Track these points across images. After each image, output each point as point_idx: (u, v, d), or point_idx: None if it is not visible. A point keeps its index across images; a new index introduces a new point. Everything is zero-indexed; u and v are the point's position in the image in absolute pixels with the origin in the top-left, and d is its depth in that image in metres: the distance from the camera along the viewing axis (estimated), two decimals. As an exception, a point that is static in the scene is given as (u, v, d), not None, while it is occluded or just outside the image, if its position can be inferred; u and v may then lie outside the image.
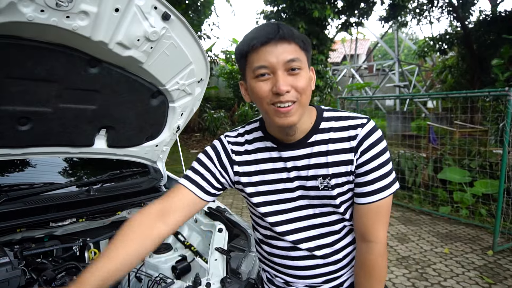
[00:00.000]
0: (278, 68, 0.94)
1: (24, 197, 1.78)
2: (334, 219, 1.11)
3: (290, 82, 0.95)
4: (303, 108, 0.99)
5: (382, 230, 1.07)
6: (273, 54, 0.94)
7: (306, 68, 0.99)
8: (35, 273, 1.58)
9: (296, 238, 1.12)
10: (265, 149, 1.12)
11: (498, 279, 3.54)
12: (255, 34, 0.96)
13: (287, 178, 1.09)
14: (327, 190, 1.06)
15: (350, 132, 1.04)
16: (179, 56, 1.75)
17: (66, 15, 1.32)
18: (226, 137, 1.18)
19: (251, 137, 1.16)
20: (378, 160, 1.03)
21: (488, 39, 10.52)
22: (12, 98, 1.53)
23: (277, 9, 9.85)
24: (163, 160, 2.44)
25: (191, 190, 1.11)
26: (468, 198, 5.33)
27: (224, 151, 1.15)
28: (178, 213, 1.08)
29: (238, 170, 1.14)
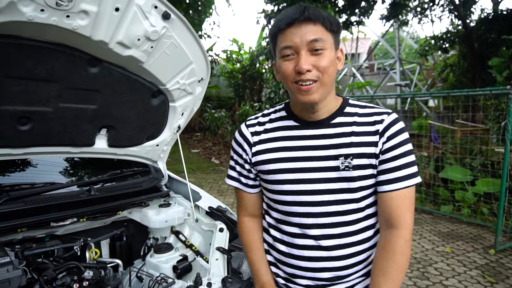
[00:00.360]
0: (302, 48, 0.99)
1: (25, 197, 1.78)
2: (348, 208, 1.10)
3: (312, 61, 0.99)
4: (325, 87, 1.03)
5: (409, 216, 1.07)
6: (297, 34, 0.99)
7: (331, 48, 1.02)
8: (36, 273, 1.58)
9: (305, 222, 1.12)
10: (286, 127, 1.16)
11: (500, 278, 3.53)
12: (282, 16, 1.02)
13: (307, 157, 1.10)
14: (347, 171, 1.06)
15: (375, 117, 1.08)
16: (180, 56, 1.75)
17: (66, 15, 1.31)
18: (246, 122, 1.25)
19: (275, 116, 1.20)
20: (405, 147, 1.06)
21: (489, 38, 10.47)
22: (13, 98, 1.53)
23: (277, 8, 9.82)
24: (164, 160, 2.44)
25: (243, 190, 1.28)
26: (470, 197, 5.32)
27: (243, 138, 1.22)
28: (257, 210, 1.31)
29: (256, 149, 1.19)
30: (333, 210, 1.10)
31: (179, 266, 1.88)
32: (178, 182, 2.53)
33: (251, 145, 1.20)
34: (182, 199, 2.33)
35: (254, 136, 1.20)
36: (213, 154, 10.91)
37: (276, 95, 10.76)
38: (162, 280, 1.77)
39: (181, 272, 1.87)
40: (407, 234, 1.06)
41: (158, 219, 2.04)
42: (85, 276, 1.60)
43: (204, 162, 10.15)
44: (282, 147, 1.14)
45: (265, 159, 1.16)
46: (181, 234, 2.14)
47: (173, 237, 2.17)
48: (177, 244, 2.11)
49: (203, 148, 11.47)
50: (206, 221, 2.09)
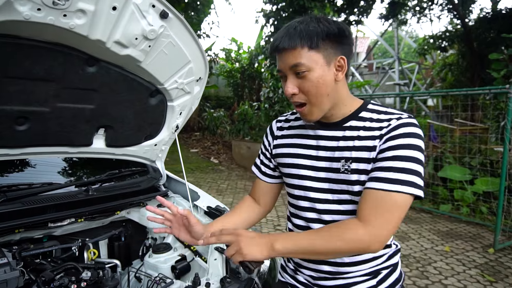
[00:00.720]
0: (287, 72, 1.05)
1: (23, 197, 1.77)
2: (350, 208, 1.11)
3: (298, 84, 1.04)
4: (317, 106, 1.05)
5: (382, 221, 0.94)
6: (281, 61, 1.05)
7: (317, 67, 1.00)
8: (33, 274, 1.57)
9: (310, 216, 1.18)
10: (306, 126, 1.22)
11: (499, 277, 3.54)
12: (272, 41, 1.07)
13: (315, 156, 1.15)
14: (346, 174, 1.07)
15: (383, 123, 1.05)
16: (178, 55, 1.74)
17: (63, 14, 1.30)
18: (278, 118, 1.36)
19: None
20: (402, 152, 0.97)
21: (488, 37, 10.47)
22: (10, 97, 1.52)
23: (276, 7, 9.81)
24: (162, 160, 2.43)
25: (258, 177, 1.38)
26: (469, 196, 5.33)
27: (270, 130, 1.34)
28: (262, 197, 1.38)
29: (277, 143, 1.29)
30: (335, 209, 1.13)
31: (177, 266, 1.87)
32: (176, 181, 2.52)
33: (274, 138, 1.31)
34: (180, 199, 2.33)
35: (278, 131, 1.31)
36: (212, 154, 10.90)
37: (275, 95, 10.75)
38: (161, 280, 1.76)
39: (180, 272, 1.87)
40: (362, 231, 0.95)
41: (157, 219, 2.03)
42: (83, 277, 1.59)
43: (203, 161, 10.14)
44: (298, 144, 1.22)
45: (282, 153, 1.26)
46: (179, 234, 2.13)
47: (172, 237, 2.16)
48: (175, 244, 2.10)
49: (202, 147, 11.46)
50: (205, 220, 2.08)
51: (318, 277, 1.20)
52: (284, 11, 9.70)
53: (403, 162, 0.96)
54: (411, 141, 0.98)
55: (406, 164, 0.96)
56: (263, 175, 1.36)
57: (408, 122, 1.01)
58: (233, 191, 6.96)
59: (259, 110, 10.97)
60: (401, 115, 1.05)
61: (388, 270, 1.19)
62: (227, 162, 10.21)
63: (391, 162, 0.98)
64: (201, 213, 2.17)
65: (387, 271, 1.18)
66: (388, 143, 1.00)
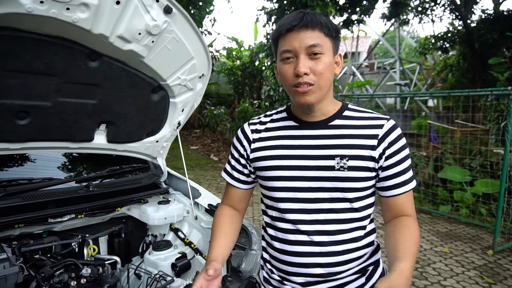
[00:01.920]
0: (301, 52, 1.04)
1: (23, 192, 1.75)
2: (342, 207, 1.12)
3: (310, 65, 1.04)
4: (321, 91, 1.07)
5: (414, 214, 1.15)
6: (297, 40, 1.04)
7: (328, 53, 1.06)
8: (33, 269, 1.56)
9: (297, 218, 1.15)
10: (286, 127, 1.21)
11: (498, 279, 3.53)
12: (283, 21, 1.07)
13: (303, 155, 1.14)
14: (342, 171, 1.09)
15: (374, 122, 1.13)
16: (181, 51, 1.72)
17: (66, 7, 1.29)
18: (249, 121, 1.31)
19: (277, 117, 1.26)
20: (405, 152, 1.12)
21: (490, 38, 10.45)
22: (11, 91, 1.50)
23: (278, 5, 9.78)
24: (163, 156, 2.42)
25: (231, 184, 1.32)
26: (469, 197, 5.32)
27: (244, 135, 1.28)
28: (238, 204, 1.34)
29: (255, 146, 1.23)
30: (326, 207, 1.12)
31: (178, 263, 1.87)
32: (177, 179, 2.51)
33: (250, 142, 1.25)
34: (181, 196, 2.32)
35: (254, 134, 1.25)
36: (212, 151, 10.89)
37: (276, 93, 10.75)
38: (161, 277, 1.75)
39: (180, 269, 1.86)
40: (415, 221, 1.12)
41: (157, 216, 2.02)
42: (82, 273, 1.58)
43: (203, 159, 10.13)
44: (280, 145, 1.18)
45: (262, 156, 1.21)
46: (180, 232, 2.12)
47: (172, 235, 2.15)
48: (176, 241, 2.09)
49: (202, 144, 11.45)
50: (206, 218, 2.08)
51: (308, 282, 1.15)
52: (286, 9, 9.68)
53: (406, 162, 1.13)
54: (404, 141, 1.13)
55: (408, 162, 1.13)
56: (237, 182, 1.31)
57: (395, 123, 1.13)
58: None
59: (260, 108, 10.97)
60: (385, 116, 1.15)
61: (373, 266, 1.21)
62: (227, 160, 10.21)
63: (401, 165, 1.12)
64: (202, 211, 2.16)
65: (373, 267, 1.21)
66: (393, 148, 1.10)
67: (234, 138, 1.32)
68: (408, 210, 1.14)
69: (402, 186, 1.12)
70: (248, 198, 1.37)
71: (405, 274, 0.93)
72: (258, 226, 4.40)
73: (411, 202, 1.15)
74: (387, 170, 1.11)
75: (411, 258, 1.00)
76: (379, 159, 1.10)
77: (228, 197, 1.35)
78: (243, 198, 1.34)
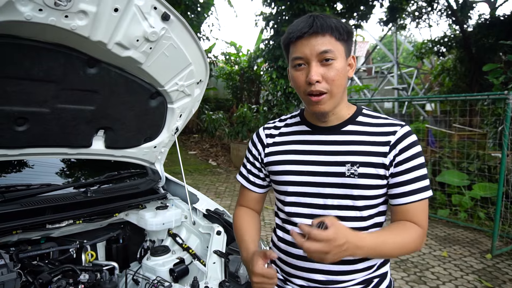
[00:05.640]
0: (312, 59, 1.02)
1: (21, 198, 1.76)
2: (350, 215, 1.10)
3: (322, 72, 1.02)
4: (335, 98, 1.06)
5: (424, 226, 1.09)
6: (307, 47, 1.02)
7: (341, 58, 1.04)
8: (31, 275, 1.56)
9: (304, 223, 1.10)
10: (299, 132, 1.20)
11: (497, 283, 3.54)
12: (293, 28, 1.06)
13: (315, 161, 1.13)
14: (352, 178, 1.07)
15: (387, 128, 1.10)
16: (179, 57, 1.74)
17: (65, 15, 1.30)
18: (264, 125, 1.31)
19: (291, 121, 1.26)
20: (418, 160, 1.08)
21: (486, 43, 10.53)
22: (10, 98, 1.51)
23: (276, 10, 9.83)
24: (161, 162, 2.42)
25: (247, 188, 1.32)
26: (467, 201, 5.33)
27: (259, 139, 1.29)
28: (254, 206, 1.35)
29: (269, 151, 1.24)
30: (334, 215, 1.09)
31: (176, 269, 1.86)
32: (175, 184, 2.52)
33: (264, 146, 1.26)
34: (179, 201, 2.32)
35: (268, 138, 1.26)
36: (211, 156, 10.89)
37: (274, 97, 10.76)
38: (159, 283, 1.75)
39: (178, 275, 1.86)
40: (421, 231, 1.08)
41: (155, 222, 2.03)
42: (80, 279, 1.58)
43: (201, 163, 10.13)
44: (293, 150, 1.19)
45: (275, 160, 1.21)
46: (178, 237, 2.12)
47: (170, 240, 2.15)
48: (174, 247, 2.09)
49: (200, 149, 11.44)
50: (204, 223, 2.08)
51: (309, 286, 1.16)
52: (284, 14, 9.73)
53: (420, 170, 1.08)
54: (418, 148, 1.09)
55: (422, 171, 1.08)
56: (253, 186, 1.32)
57: (409, 130, 1.10)
58: (231, 194, 6.94)
59: (258, 112, 10.98)
60: (400, 123, 1.11)
61: (379, 279, 1.18)
62: (225, 165, 10.20)
63: (414, 172, 1.07)
64: (200, 216, 2.16)
65: (378, 279, 1.17)
66: (404, 155, 1.07)
67: (249, 142, 1.33)
68: (416, 220, 1.08)
69: (410, 195, 1.07)
70: (263, 200, 1.38)
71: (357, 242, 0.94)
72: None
73: (421, 213, 1.09)
74: (396, 177, 1.08)
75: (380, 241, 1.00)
76: (390, 166, 1.07)
77: (244, 199, 1.36)
78: (258, 200, 1.35)
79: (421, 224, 1.08)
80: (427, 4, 12.19)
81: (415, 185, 1.07)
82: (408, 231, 1.06)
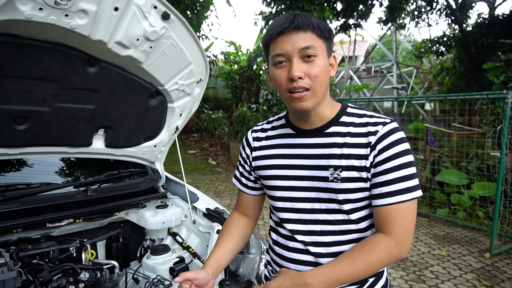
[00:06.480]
0: (293, 55, 0.99)
1: (21, 197, 1.76)
2: (338, 218, 1.08)
3: (304, 69, 1.00)
4: (317, 95, 1.03)
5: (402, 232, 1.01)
6: (289, 42, 0.99)
7: (322, 55, 1.02)
8: (31, 274, 1.56)
9: (294, 228, 1.13)
10: (284, 135, 1.18)
11: (496, 281, 3.54)
12: (273, 25, 1.03)
13: (299, 165, 1.11)
14: (335, 182, 1.04)
15: (369, 128, 1.05)
16: (179, 56, 1.74)
17: (65, 14, 1.30)
18: (252, 128, 1.30)
19: (277, 123, 1.24)
20: (400, 160, 1.01)
21: (485, 42, 10.55)
22: (9, 97, 1.51)
23: (275, 10, 9.84)
24: (161, 161, 2.43)
25: (242, 190, 1.32)
26: (466, 200, 5.34)
27: (247, 142, 1.28)
28: (249, 211, 1.33)
29: (256, 154, 1.23)
30: (322, 219, 1.09)
31: (176, 268, 1.87)
32: (175, 183, 2.52)
33: (252, 150, 1.25)
34: (179, 200, 2.32)
35: (255, 142, 1.25)
36: (210, 155, 10.89)
37: (274, 97, 10.77)
38: (159, 282, 1.75)
39: (178, 274, 1.86)
40: (392, 243, 1.00)
41: (155, 221, 2.03)
42: (81, 278, 1.59)
43: (201, 163, 10.13)
44: (278, 154, 1.16)
45: (262, 165, 1.20)
46: (178, 236, 2.12)
47: (170, 239, 2.15)
48: (174, 245, 2.10)
49: (200, 149, 11.45)
50: (204, 222, 2.08)
51: None
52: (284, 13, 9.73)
53: (404, 170, 1.01)
54: (403, 147, 1.02)
55: (407, 170, 1.01)
56: (246, 188, 1.31)
57: (394, 127, 1.04)
58: (231, 193, 6.95)
59: (258, 112, 10.98)
60: (384, 119, 1.06)
61: (374, 278, 1.15)
62: (225, 164, 10.20)
63: (394, 173, 1.01)
64: (200, 215, 2.17)
65: (374, 278, 1.16)
66: (384, 154, 1.01)
67: (241, 145, 1.32)
68: (390, 227, 1.01)
69: (389, 197, 1.01)
70: (260, 205, 1.35)
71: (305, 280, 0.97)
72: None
73: (401, 215, 1.01)
74: (374, 178, 1.02)
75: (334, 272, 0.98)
76: (371, 168, 1.02)
77: (240, 203, 1.35)
78: (254, 205, 1.33)
79: (396, 230, 1.01)
80: (427, 3, 12.20)
81: (393, 187, 1.00)
82: (372, 250, 1.00)
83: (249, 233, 1.33)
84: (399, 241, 1.01)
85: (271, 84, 1.12)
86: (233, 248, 1.26)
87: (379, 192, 1.02)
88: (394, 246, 1.00)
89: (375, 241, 1.02)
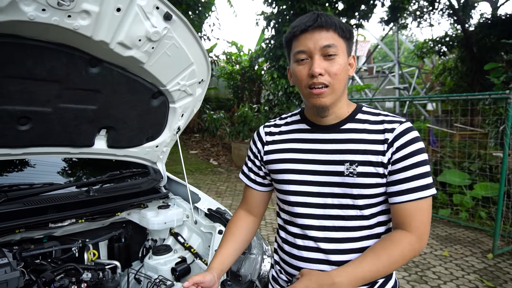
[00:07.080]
0: (315, 53, 1.03)
1: (24, 197, 1.77)
2: (351, 214, 1.09)
3: (325, 66, 1.03)
4: (336, 92, 1.06)
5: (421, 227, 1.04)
6: (311, 40, 1.03)
7: (343, 54, 1.06)
8: (34, 274, 1.57)
9: (307, 223, 1.13)
10: (299, 130, 1.20)
11: (498, 282, 3.53)
12: (297, 23, 1.06)
13: (314, 160, 1.13)
14: (351, 177, 1.06)
15: (386, 126, 1.08)
16: (181, 57, 1.74)
17: (68, 15, 1.31)
18: (264, 124, 1.32)
19: (291, 119, 1.26)
20: (417, 158, 1.04)
21: (488, 42, 10.51)
22: (12, 97, 1.52)
23: (277, 10, 9.84)
24: (163, 161, 2.43)
25: (249, 186, 1.33)
26: (468, 200, 5.33)
27: (259, 137, 1.30)
28: (255, 208, 1.34)
29: (268, 149, 1.25)
30: (335, 214, 1.10)
31: (177, 268, 1.87)
32: (177, 183, 2.52)
33: (264, 144, 1.27)
34: (181, 200, 2.33)
35: (267, 136, 1.27)
36: (212, 156, 10.90)
37: (275, 97, 10.77)
38: (161, 282, 1.76)
39: (180, 274, 1.86)
40: (413, 238, 1.03)
41: (157, 221, 2.03)
42: (83, 278, 1.59)
43: (202, 163, 10.14)
44: (292, 149, 1.18)
45: (275, 159, 1.21)
46: (180, 236, 2.13)
47: (172, 239, 2.16)
48: (175, 246, 2.10)
49: (201, 149, 11.46)
50: (205, 223, 2.08)
51: None
52: (285, 14, 9.73)
53: (422, 167, 1.04)
54: (419, 145, 1.06)
55: (424, 168, 1.04)
56: (253, 183, 1.32)
57: (409, 127, 1.07)
58: (232, 193, 6.95)
59: (259, 112, 10.99)
60: (400, 119, 1.09)
61: (384, 279, 1.15)
62: (227, 164, 10.21)
63: (412, 170, 1.04)
64: (201, 215, 2.17)
65: (383, 279, 1.16)
66: (402, 152, 1.04)
67: (251, 141, 1.34)
68: (410, 223, 1.04)
69: (407, 194, 1.04)
70: (266, 203, 1.36)
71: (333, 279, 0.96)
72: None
73: (419, 212, 1.04)
74: (393, 175, 1.05)
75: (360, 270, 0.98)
76: (388, 164, 1.05)
77: (246, 200, 1.35)
78: (260, 202, 1.34)
79: (416, 226, 1.04)
80: (429, 3, 12.18)
81: (412, 184, 1.04)
82: (394, 247, 1.03)
83: (253, 232, 1.34)
84: (420, 236, 1.04)
85: (291, 81, 1.15)
86: (237, 249, 1.27)
87: (399, 189, 1.05)
88: (415, 242, 1.04)
89: (398, 237, 1.05)
